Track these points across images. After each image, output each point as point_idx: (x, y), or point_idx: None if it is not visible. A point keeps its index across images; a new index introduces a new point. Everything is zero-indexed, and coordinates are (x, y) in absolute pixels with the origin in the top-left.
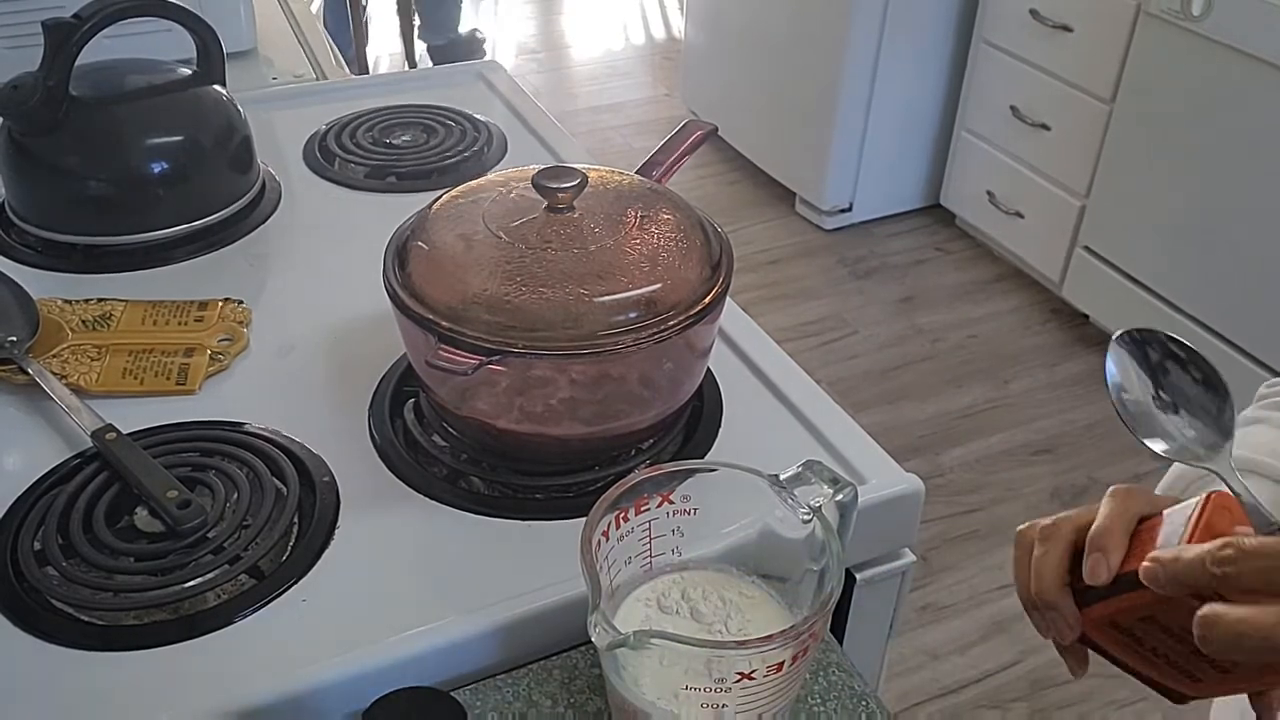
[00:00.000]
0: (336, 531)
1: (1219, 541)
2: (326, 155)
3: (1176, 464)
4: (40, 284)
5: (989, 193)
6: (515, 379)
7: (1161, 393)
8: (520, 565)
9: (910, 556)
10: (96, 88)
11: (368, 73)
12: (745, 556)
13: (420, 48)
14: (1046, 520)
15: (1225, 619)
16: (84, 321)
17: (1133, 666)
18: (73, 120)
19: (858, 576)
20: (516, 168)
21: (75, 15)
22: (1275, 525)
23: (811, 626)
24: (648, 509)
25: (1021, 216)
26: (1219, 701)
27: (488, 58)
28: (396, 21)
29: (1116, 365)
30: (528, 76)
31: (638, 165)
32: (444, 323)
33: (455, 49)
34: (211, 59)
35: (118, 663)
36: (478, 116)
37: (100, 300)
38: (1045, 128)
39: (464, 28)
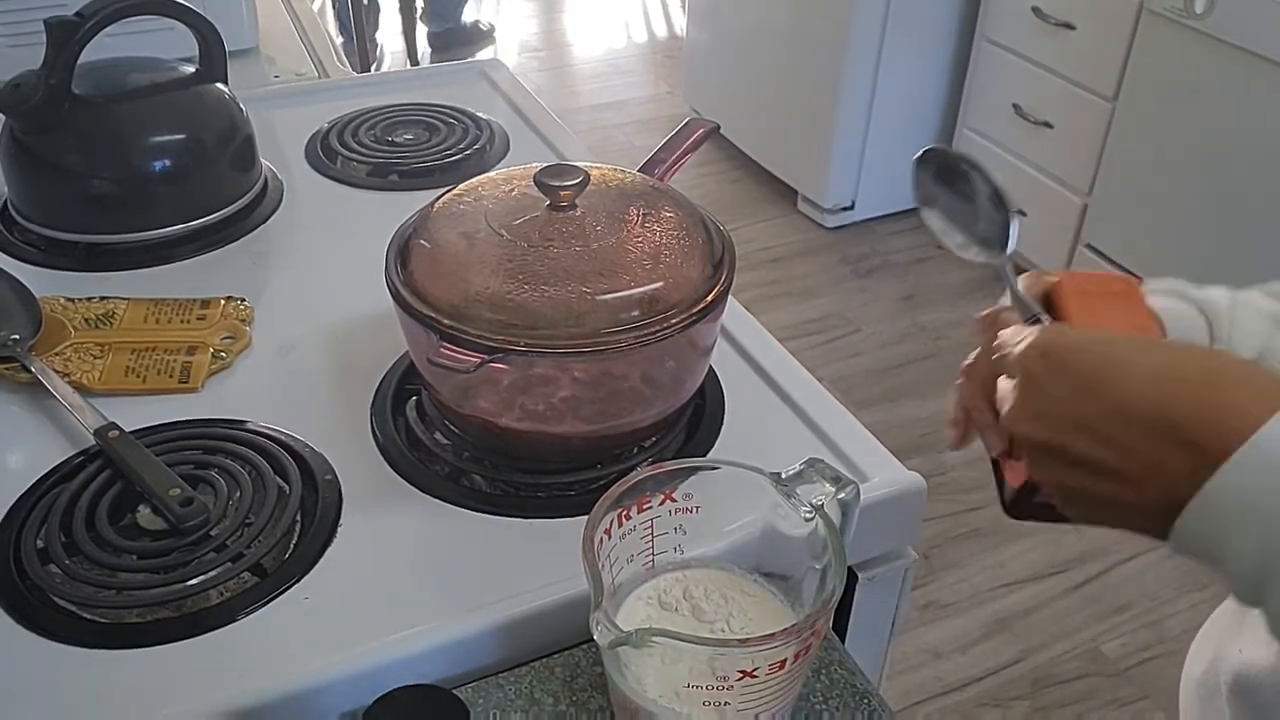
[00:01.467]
0: (339, 529)
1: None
2: (328, 153)
3: None
4: (43, 282)
5: None
6: (517, 377)
7: (957, 204)
8: (522, 563)
9: (912, 555)
10: (99, 86)
11: (369, 69)
12: (747, 555)
13: (422, 36)
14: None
15: None
16: (86, 320)
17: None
18: (75, 118)
19: (860, 575)
20: (518, 166)
21: (77, 13)
22: (1033, 315)
23: (813, 625)
24: (650, 507)
25: (1024, 215)
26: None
27: (492, 46)
28: (399, 19)
29: (919, 183)
30: (530, 75)
31: (640, 163)
32: (446, 321)
33: (455, 36)
34: (213, 57)
35: (121, 661)
36: (479, 115)
37: (103, 298)
38: (1048, 126)
39: (467, 18)
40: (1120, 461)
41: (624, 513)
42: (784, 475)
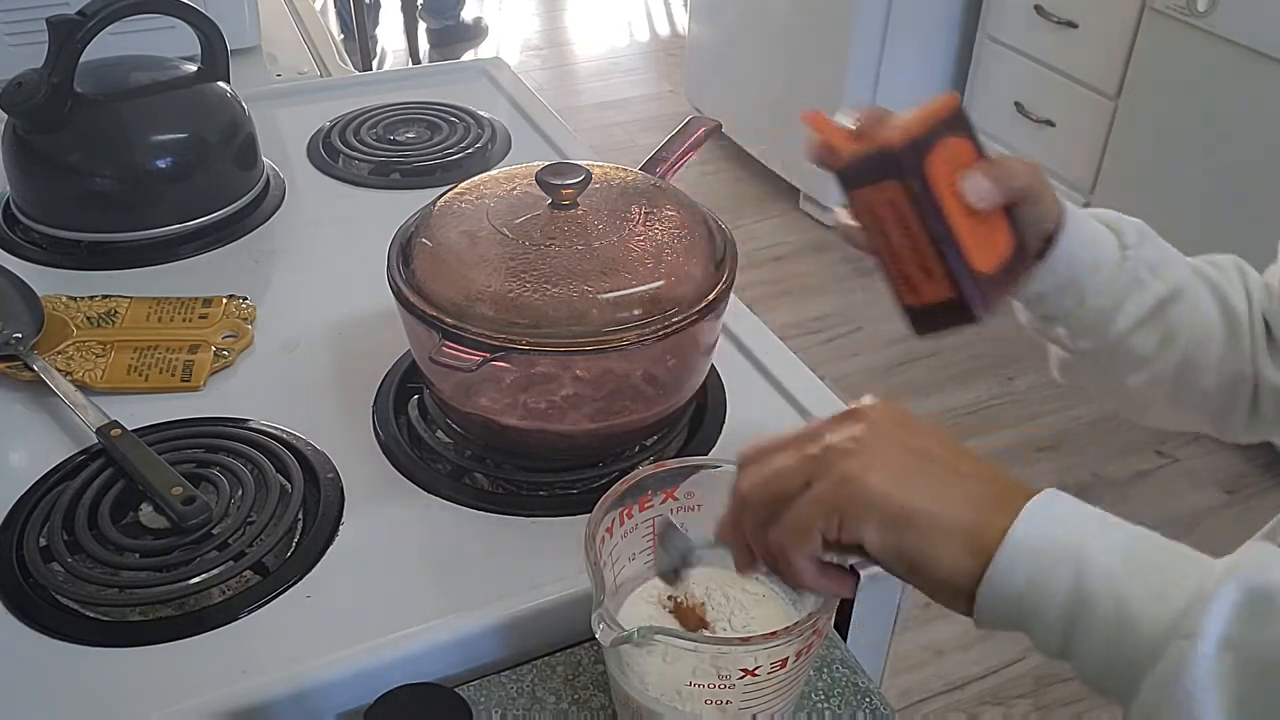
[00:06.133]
0: (341, 528)
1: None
2: (330, 152)
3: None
4: (45, 280)
5: None
6: (519, 375)
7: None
8: (524, 562)
9: None
10: (101, 84)
11: (371, 67)
12: None
13: (422, 33)
14: None
15: None
16: (89, 318)
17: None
18: (77, 117)
19: (861, 572)
20: (520, 164)
21: (80, 12)
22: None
23: (815, 623)
24: (651, 506)
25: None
26: None
27: (488, 40)
28: (400, 17)
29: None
30: (532, 73)
31: (641, 162)
32: (448, 319)
33: (454, 33)
34: (216, 56)
35: (123, 658)
36: (481, 113)
37: (105, 297)
38: (1050, 124)
39: (467, 16)
40: (972, 468)
41: (626, 511)
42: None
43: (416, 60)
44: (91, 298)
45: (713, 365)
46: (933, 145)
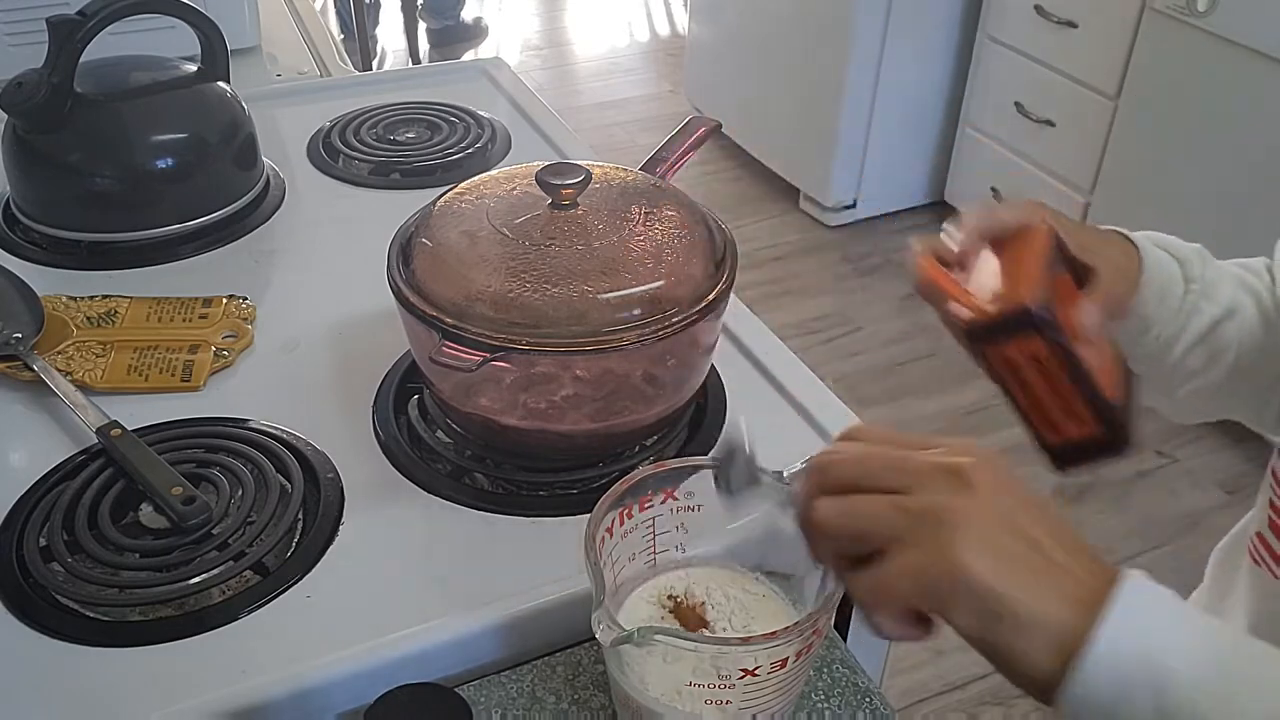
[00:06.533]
0: (341, 528)
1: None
2: (330, 152)
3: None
4: (45, 280)
5: (994, 189)
6: (519, 375)
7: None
8: (524, 561)
9: None
10: (101, 84)
11: (371, 67)
12: (749, 553)
13: (421, 33)
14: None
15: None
16: (89, 318)
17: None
18: (77, 117)
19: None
20: (520, 164)
21: (80, 12)
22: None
23: (815, 623)
24: (651, 505)
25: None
26: None
27: (488, 40)
28: (400, 17)
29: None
30: (532, 73)
31: (641, 162)
32: (448, 319)
33: (454, 33)
34: (216, 56)
35: (123, 659)
36: (481, 113)
37: (105, 297)
38: (1050, 124)
39: (467, 16)
40: (1069, 553)
41: (626, 511)
42: (786, 474)
43: (416, 60)
44: (91, 298)
45: (713, 365)
46: (1056, 289)
